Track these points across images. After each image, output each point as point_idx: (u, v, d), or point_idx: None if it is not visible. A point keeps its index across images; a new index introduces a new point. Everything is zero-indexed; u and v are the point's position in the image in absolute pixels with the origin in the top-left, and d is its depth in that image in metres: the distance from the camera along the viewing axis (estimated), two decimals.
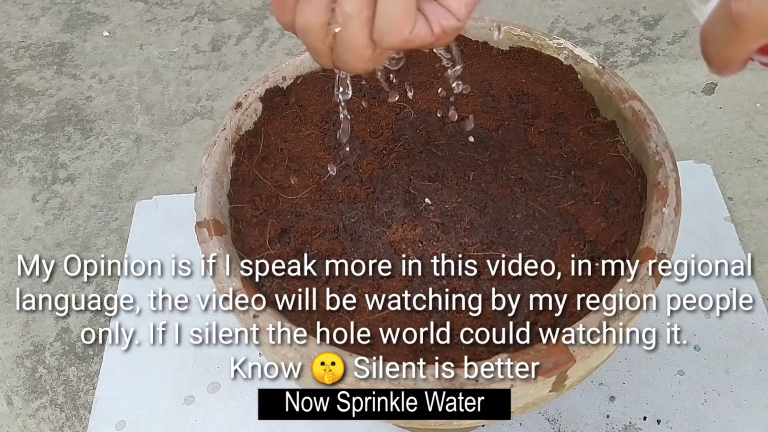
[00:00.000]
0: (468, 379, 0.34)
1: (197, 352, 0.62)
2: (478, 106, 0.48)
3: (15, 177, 0.80)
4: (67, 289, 0.69)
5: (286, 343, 0.36)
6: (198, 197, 0.43)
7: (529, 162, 0.45)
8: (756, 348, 0.60)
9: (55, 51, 0.94)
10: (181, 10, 0.99)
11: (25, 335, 0.66)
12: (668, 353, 0.59)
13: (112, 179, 0.79)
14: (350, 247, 0.41)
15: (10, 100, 0.88)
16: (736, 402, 0.57)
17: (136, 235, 0.71)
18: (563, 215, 0.42)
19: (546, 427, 0.56)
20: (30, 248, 0.73)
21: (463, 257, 0.40)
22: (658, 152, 0.42)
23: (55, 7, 1.00)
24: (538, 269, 0.40)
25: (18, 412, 0.62)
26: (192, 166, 0.79)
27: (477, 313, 0.38)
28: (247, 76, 0.89)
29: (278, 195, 0.44)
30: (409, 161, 0.45)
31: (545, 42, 0.50)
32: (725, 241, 0.66)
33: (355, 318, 0.38)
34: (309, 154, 0.46)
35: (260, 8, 0.98)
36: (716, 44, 0.26)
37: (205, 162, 0.44)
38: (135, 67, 0.91)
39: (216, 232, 0.41)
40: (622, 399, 0.57)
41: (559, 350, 0.35)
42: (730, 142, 0.76)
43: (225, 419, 0.58)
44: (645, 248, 0.38)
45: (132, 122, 0.85)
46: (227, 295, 0.38)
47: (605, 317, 0.36)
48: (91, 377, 0.63)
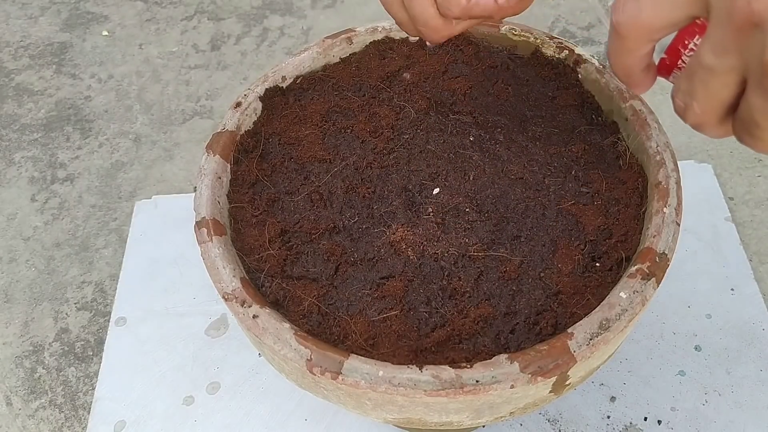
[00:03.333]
0: (468, 379, 0.34)
1: (197, 353, 0.62)
2: (478, 107, 0.48)
3: (14, 177, 0.80)
4: (67, 289, 0.69)
5: (286, 343, 0.36)
6: (197, 197, 0.43)
7: (530, 162, 0.45)
8: (757, 348, 0.59)
9: (54, 50, 0.94)
10: (180, 10, 0.98)
11: (24, 335, 0.66)
12: (669, 353, 0.59)
13: (111, 179, 0.79)
14: (350, 247, 0.41)
15: (9, 100, 0.88)
16: (737, 402, 0.56)
17: (135, 235, 0.71)
18: (564, 215, 0.42)
19: (546, 427, 0.56)
20: (29, 248, 0.73)
21: (463, 257, 0.40)
22: (659, 152, 0.42)
23: (54, 7, 1.00)
24: (539, 269, 0.40)
25: (17, 413, 0.61)
26: (191, 165, 0.79)
27: (477, 313, 0.38)
28: (247, 76, 0.89)
29: (278, 195, 0.44)
30: (409, 161, 0.45)
31: (546, 41, 0.50)
32: (726, 241, 0.66)
33: (355, 318, 0.38)
34: (309, 153, 0.46)
35: (260, 7, 0.98)
36: (612, 56, 0.29)
37: (205, 162, 0.44)
38: (134, 67, 0.91)
39: (216, 232, 0.40)
40: (622, 399, 0.57)
41: (559, 351, 0.35)
42: (731, 141, 0.76)
43: (225, 420, 0.58)
44: (646, 248, 0.38)
45: (131, 122, 0.85)
46: (227, 295, 0.38)
47: (606, 317, 0.36)
48: (91, 377, 0.63)
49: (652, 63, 0.29)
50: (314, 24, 0.95)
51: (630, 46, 0.28)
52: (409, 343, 0.37)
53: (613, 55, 0.29)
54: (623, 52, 0.28)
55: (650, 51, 0.28)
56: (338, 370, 0.35)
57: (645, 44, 0.28)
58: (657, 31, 0.27)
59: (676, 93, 0.28)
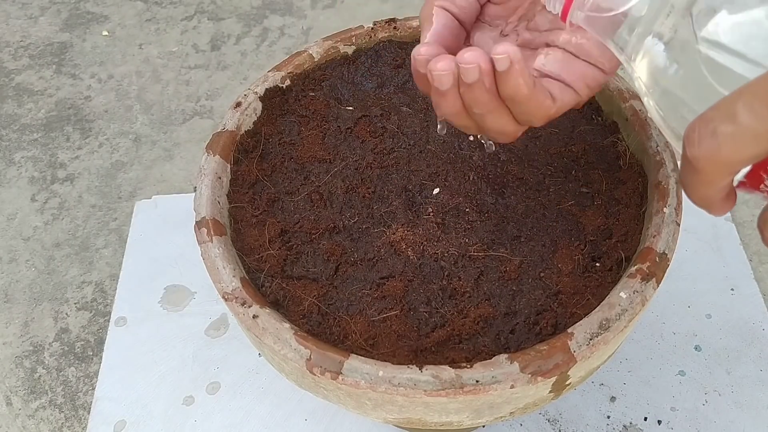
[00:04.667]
0: (468, 379, 0.34)
1: (197, 353, 0.62)
2: None
3: (14, 177, 0.80)
4: (67, 289, 0.69)
5: (286, 343, 0.36)
6: (197, 197, 0.43)
7: (530, 162, 0.45)
8: (757, 348, 0.59)
9: (54, 50, 0.94)
10: (180, 10, 0.98)
11: (24, 335, 0.66)
12: (669, 353, 0.59)
13: (111, 179, 0.79)
14: (350, 247, 0.41)
15: (9, 100, 0.88)
16: (737, 402, 0.57)
17: (135, 235, 0.71)
18: (564, 215, 0.42)
19: (546, 427, 0.56)
20: (29, 248, 0.73)
21: (463, 257, 0.40)
22: (659, 152, 0.42)
23: (54, 7, 1.00)
24: (539, 269, 0.40)
25: (17, 413, 0.61)
26: (191, 165, 0.79)
27: (477, 313, 0.38)
28: (247, 76, 0.89)
29: (278, 195, 0.44)
30: (409, 161, 0.45)
31: None
32: (726, 241, 0.66)
33: (355, 318, 0.38)
34: (309, 153, 0.46)
35: (260, 7, 0.98)
36: (689, 188, 0.27)
37: (205, 162, 0.44)
38: (134, 67, 0.91)
39: (216, 232, 0.40)
40: (622, 399, 0.57)
41: (559, 351, 0.35)
42: None
43: (225, 420, 0.58)
44: (646, 248, 0.38)
45: (131, 122, 0.85)
46: (227, 295, 0.38)
47: (606, 317, 0.36)
48: (91, 377, 0.63)
49: (732, 189, 0.28)
50: (314, 24, 0.95)
51: (708, 180, 0.26)
52: (409, 343, 0.37)
53: (690, 187, 0.27)
54: (701, 185, 0.26)
55: (730, 182, 0.27)
56: (338, 370, 0.35)
57: (725, 178, 0.26)
58: (737, 165, 0.25)
59: (765, 225, 0.27)
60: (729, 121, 0.24)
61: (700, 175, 0.26)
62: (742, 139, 0.24)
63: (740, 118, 0.24)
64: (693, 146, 0.25)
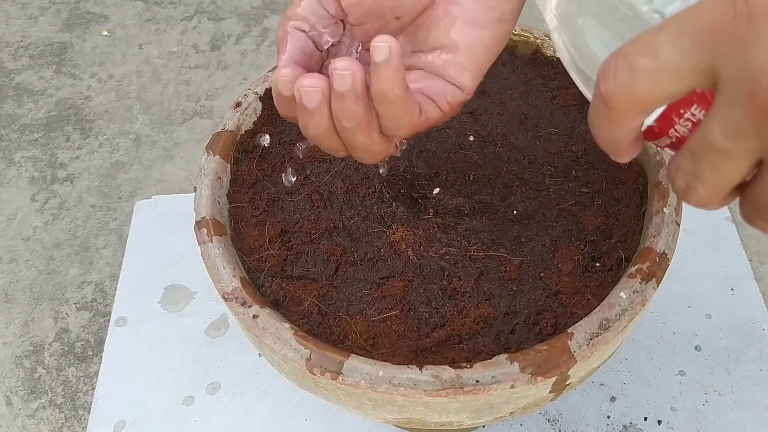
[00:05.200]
0: (468, 379, 0.34)
1: (197, 353, 0.62)
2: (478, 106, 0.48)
3: (14, 177, 0.80)
4: (67, 289, 0.69)
5: (286, 343, 0.36)
6: (197, 197, 0.43)
7: (530, 161, 0.45)
8: (757, 348, 0.59)
9: (54, 50, 0.94)
10: (180, 10, 0.98)
11: (24, 335, 0.66)
12: (669, 353, 0.59)
13: (111, 179, 0.79)
14: (350, 247, 0.41)
15: (9, 100, 0.88)
16: (737, 402, 0.56)
17: (135, 235, 0.70)
18: (564, 215, 0.42)
19: (546, 427, 0.56)
20: (29, 248, 0.73)
21: (463, 257, 0.40)
22: (659, 152, 0.42)
23: (54, 7, 1.00)
24: (539, 269, 0.40)
25: (17, 413, 0.61)
26: (191, 165, 0.79)
27: (477, 313, 0.38)
28: (247, 76, 0.89)
29: (278, 195, 0.44)
30: (409, 161, 0.45)
31: (546, 41, 0.50)
32: (726, 240, 0.66)
33: (355, 318, 0.38)
34: (309, 153, 0.46)
35: (260, 7, 0.98)
36: (596, 126, 0.25)
37: (205, 162, 0.44)
38: (134, 67, 0.91)
39: (216, 232, 0.40)
40: (622, 399, 0.57)
41: (559, 351, 0.35)
42: None
43: (225, 420, 0.58)
44: (646, 248, 0.38)
45: (131, 122, 0.85)
46: (227, 295, 0.38)
47: (606, 317, 0.36)
48: (91, 377, 0.63)
49: (640, 133, 0.26)
50: None
51: (619, 119, 0.24)
52: (409, 343, 0.37)
53: (597, 125, 0.25)
54: (611, 125, 0.25)
55: (641, 124, 0.25)
56: (338, 370, 0.35)
57: (637, 117, 0.24)
58: (653, 104, 0.24)
59: (676, 172, 0.25)
60: (649, 55, 0.22)
61: (611, 112, 0.24)
62: (661, 76, 0.22)
63: (661, 53, 0.22)
64: (608, 81, 0.24)
